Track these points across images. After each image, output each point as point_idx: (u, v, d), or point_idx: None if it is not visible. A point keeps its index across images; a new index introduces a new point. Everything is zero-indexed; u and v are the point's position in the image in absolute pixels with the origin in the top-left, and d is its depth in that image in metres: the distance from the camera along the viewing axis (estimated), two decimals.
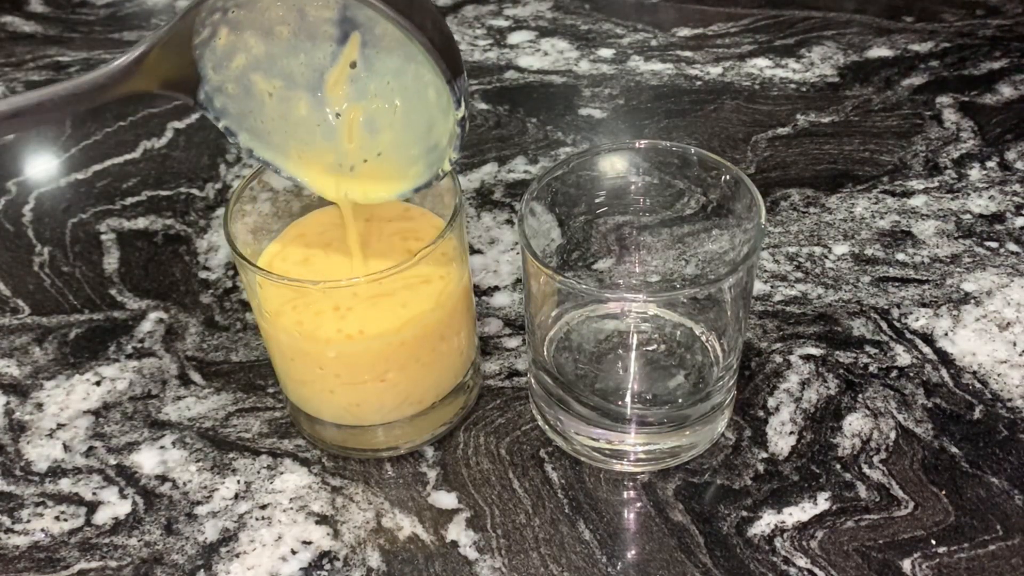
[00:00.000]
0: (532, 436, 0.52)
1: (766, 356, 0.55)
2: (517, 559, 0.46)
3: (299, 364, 0.48)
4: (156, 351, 0.58)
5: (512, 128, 0.73)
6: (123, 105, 0.78)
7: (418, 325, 0.47)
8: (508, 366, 0.56)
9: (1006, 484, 0.48)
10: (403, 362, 0.48)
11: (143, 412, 0.54)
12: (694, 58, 0.79)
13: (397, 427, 0.50)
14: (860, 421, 0.51)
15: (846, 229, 0.62)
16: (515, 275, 0.61)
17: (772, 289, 0.59)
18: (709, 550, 0.46)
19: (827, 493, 0.48)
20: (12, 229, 0.67)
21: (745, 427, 0.51)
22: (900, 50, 0.78)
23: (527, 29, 0.83)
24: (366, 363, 0.47)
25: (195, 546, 0.48)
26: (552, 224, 0.50)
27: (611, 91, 0.76)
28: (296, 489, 0.50)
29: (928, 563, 0.45)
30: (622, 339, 0.52)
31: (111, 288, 0.62)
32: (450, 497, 0.49)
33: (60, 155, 0.74)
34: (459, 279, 0.48)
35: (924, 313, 0.57)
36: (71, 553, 0.48)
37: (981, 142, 0.68)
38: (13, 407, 0.55)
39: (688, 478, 0.49)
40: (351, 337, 0.46)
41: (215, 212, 0.68)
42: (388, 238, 0.50)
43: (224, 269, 0.63)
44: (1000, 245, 0.60)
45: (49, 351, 0.58)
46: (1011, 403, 0.52)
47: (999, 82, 0.74)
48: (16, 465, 0.52)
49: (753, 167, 0.68)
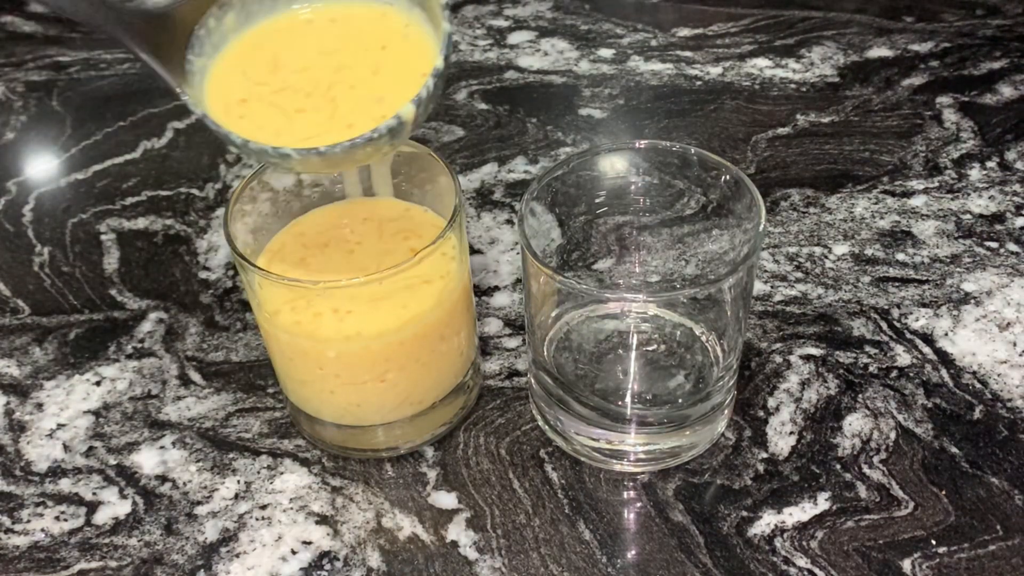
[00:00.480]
0: (532, 436, 0.52)
1: (766, 356, 0.55)
2: (517, 559, 0.46)
3: (299, 364, 0.48)
4: (156, 351, 0.58)
5: (512, 128, 0.73)
6: (123, 104, 0.78)
7: (418, 325, 0.46)
8: (508, 366, 0.56)
9: (1006, 484, 0.48)
10: (403, 362, 0.48)
11: (143, 412, 0.54)
12: (694, 58, 0.78)
13: (397, 427, 0.50)
14: (860, 421, 0.51)
15: (846, 229, 0.62)
16: (515, 275, 0.61)
17: (772, 289, 0.59)
18: (709, 550, 0.46)
19: (827, 493, 0.48)
20: (12, 229, 0.67)
21: (745, 427, 0.51)
22: (900, 50, 0.78)
23: (527, 29, 0.83)
24: (366, 363, 0.47)
25: (195, 546, 0.48)
26: (552, 224, 0.50)
27: (611, 91, 0.76)
28: (296, 489, 0.50)
29: (928, 563, 0.45)
30: (622, 339, 0.52)
31: (111, 288, 0.62)
32: (450, 497, 0.49)
33: (60, 155, 0.74)
34: (459, 279, 0.48)
35: (924, 313, 0.57)
36: (71, 553, 0.48)
37: (981, 142, 0.68)
38: (13, 407, 0.55)
39: (688, 478, 0.49)
40: (350, 337, 0.46)
41: (215, 212, 0.68)
42: (388, 238, 0.50)
43: (224, 269, 0.63)
44: (1000, 245, 0.60)
45: (49, 351, 0.58)
46: (1011, 403, 0.52)
47: (999, 82, 0.74)
48: (16, 465, 0.52)
49: (753, 167, 0.68)
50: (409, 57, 0.44)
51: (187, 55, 0.43)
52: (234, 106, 0.43)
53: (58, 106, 0.78)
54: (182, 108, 0.77)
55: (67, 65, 0.83)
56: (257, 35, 0.45)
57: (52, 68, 0.83)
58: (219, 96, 0.44)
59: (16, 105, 0.79)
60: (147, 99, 0.78)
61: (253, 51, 0.45)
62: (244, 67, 0.45)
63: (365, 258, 0.49)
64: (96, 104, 0.78)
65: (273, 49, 0.45)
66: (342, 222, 0.51)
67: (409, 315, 0.46)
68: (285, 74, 0.44)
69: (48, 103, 0.79)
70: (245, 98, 0.44)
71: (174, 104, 0.78)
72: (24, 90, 0.80)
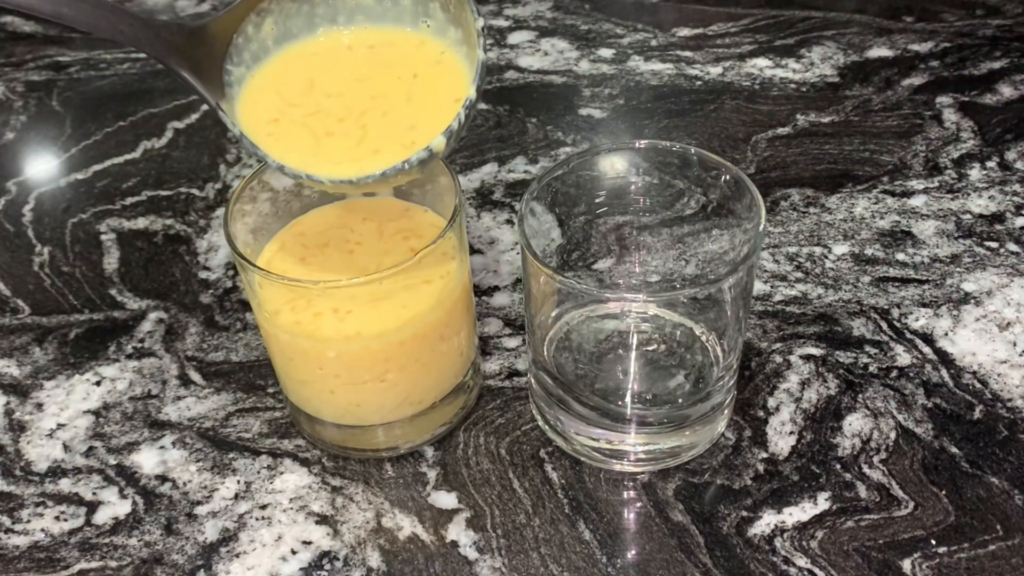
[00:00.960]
0: (532, 436, 0.52)
1: (766, 356, 0.55)
2: (517, 559, 0.46)
3: (299, 364, 0.48)
4: (156, 351, 0.58)
5: (512, 128, 0.73)
6: (123, 104, 0.78)
7: (418, 325, 0.46)
8: (508, 366, 0.56)
9: (1006, 484, 0.48)
10: (403, 362, 0.48)
11: (143, 412, 0.54)
12: (694, 58, 0.79)
13: (397, 427, 0.50)
14: (860, 421, 0.51)
15: (846, 229, 0.62)
16: (515, 275, 0.61)
17: (772, 289, 0.59)
18: (709, 550, 0.46)
19: (827, 493, 0.48)
20: (12, 229, 0.67)
21: (745, 427, 0.51)
22: (900, 50, 0.78)
23: (527, 29, 0.83)
24: (366, 363, 0.47)
25: (195, 546, 0.48)
26: (552, 224, 0.50)
27: (611, 91, 0.76)
28: (296, 489, 0.50)
29: (928, 563, 0.45)
30: (622, 339, 0.52)
31: (111, 288, 0.62)
32: (450, 497, 0.49)
33: (60, 155, 0.74)
34: (459, 279, 0.48)
35: (924, 313, 0.57)
36: (71, 553, 0.48)
37: (981, 142, 0.68)
38: (13, 407, 0.55)
39: (688, 478, 0.49)
40: (351, 337, 0.46)
41: (215, 212, 0.68)
42: (389, 237, 0.50)
43: (224, 269, 0.63)
44: (1000, 245, 0.60)
45: (49, 351, 0.58)
46: (1011, 403, 0.52)
47: (999, 82, 0.74)
48: (16, 465, 0.52)
49: (753, 167, 0.68)
50: (442, 83, 0.44)
51: (225, 65, 0.44)
52: (264, 124, 0.44)
53: (58, 106, 0.78)
54: (182, 108, 0.77)
55: (67, 65, 0.83)
56: (295, 55, 0.46)
57: (52, 68, 0.83)
58: (252, 112, 0.44)
59: (16, 105, 0.79)
60: (147, 99, 0.78)
61: (289, 71, 0.45)
62: (279, 86, 0.45)
63: (365, 258, 0.49)
64: (96, 104, 0.78)
65: (310, 72, 0.45)
66: (342, 222, 0.51)
67: (409, 315, 0.46)
68: (319, 97, 0.45)
69: (48, 103, 0.79)
70: (277, 118, 0.44)
71: (174, 104, 0.78)
72: (24, 90, 0.80)
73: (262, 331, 0.50)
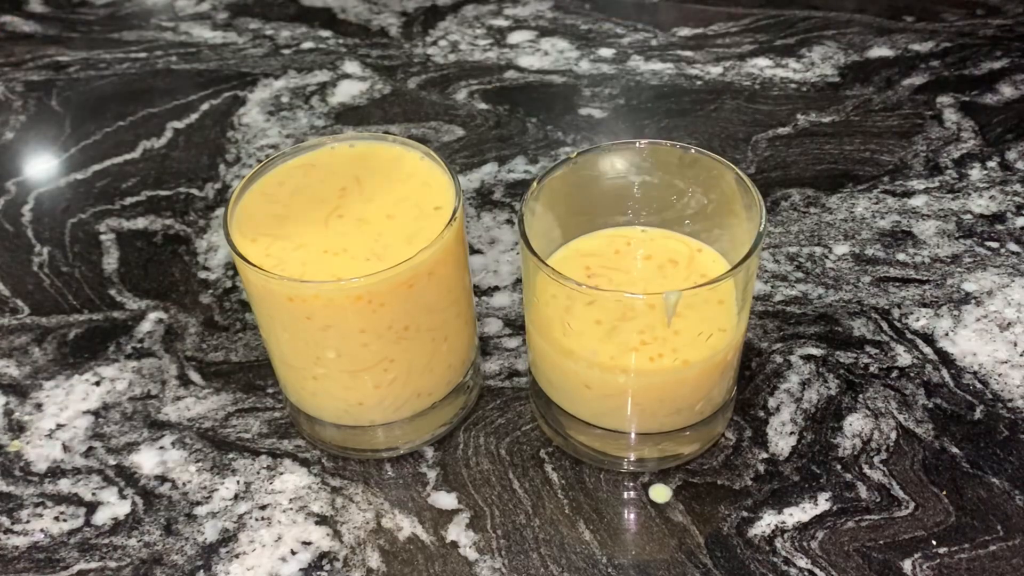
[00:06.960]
0: (532, 436, 0.52)
1: (766, 356, 0.55)
2: (517, 559, 0.46)
3: (298, 364, 0.48)
4: (156, 351, 0.58)
5: (512, 128, 0.73)
6: (123, 104, 0.78)
7: (419, 325, 0.46)
8: (508, 366, 0.55)
9: (1007, 484, 0.48)
10: (403, 362, 0.47)
11: (143, 412, 0.54)
12: (694, 58, 0.78)
13: (397, 427, 0.50)
14: (861, 421, 0.51)
15: (846, 229, 0.62)
16: (515, 275, 0.61)
17: (772, 289, 0.59)
18: (709, 550, 0.46)
19: (827, 493, 0.48)
20: (12, 229, 0.67)
21: (745, 427, 0.51)
22: (900, 50, 0.78)
23: (527, 29, 0.83)
24: (366, 363, 0.47)
25: (195, 546, 0.48)
26: (552, 224, 0.50)
27: (611, 91, 0.76)
28: (296, 489, 0.50)
29: (929, 563, 0.45)
30: None
31: (111, 288, 0.62)
32: (450, 497, 0.49)
33: (60, 155, 0.74)
34: (459, 279, 0.48)
35: (925, 313, 0.57)
36: (71, 553, 0.48)
37: (982, 142, 0.68)
38: (13, 407, 0.55)
39: (688, 478, 0.49)
40: (350, 337, 0.46)
41: (215, 212, 0.68)
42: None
43: (224, 269, 0.63)
44: (1001, 245, 0.60)
45: (48, 351, 0.58)
46: (1012, 403, 0.52)
47: (999, 82, 0.74)
48: (16, 465, 0.52)
49: (753, 167, 0.68)
50: None
51: None
52: None
53: (57, 106, 0.78)
54: (182, 108, 0.77)
55: (67, 65, 0.83)
56: None
57: (52, 68, 0.83)
58: None
59: (16, 105, 0.79)
60: (147, 99, 0.78)
61: None
62: None
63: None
64: (95, 104, 0.78)
65: None
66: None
67: (409, 315, 0.46)
68: None
69: (47, 103, 0.79)
70: None
71: (174, 104, 0.78)
72: (24, 90, 0.80)
73: (262, 331, 0.50)
